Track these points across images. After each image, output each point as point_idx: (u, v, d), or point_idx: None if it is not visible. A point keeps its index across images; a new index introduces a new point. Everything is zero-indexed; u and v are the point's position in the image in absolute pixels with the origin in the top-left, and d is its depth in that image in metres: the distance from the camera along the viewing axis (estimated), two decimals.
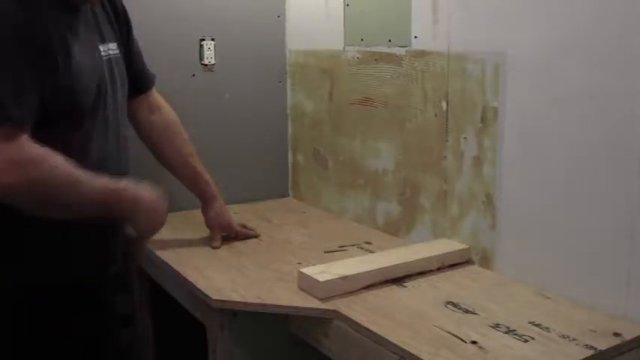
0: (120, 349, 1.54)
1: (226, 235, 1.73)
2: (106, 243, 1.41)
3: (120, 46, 1.46)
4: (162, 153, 1.67)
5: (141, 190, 1.34)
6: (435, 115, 1.60)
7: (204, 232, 1.75)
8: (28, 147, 1.16)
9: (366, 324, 1.21)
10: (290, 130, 2.20)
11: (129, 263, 1.44)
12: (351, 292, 1.35)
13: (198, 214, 1.76)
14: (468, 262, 1.54)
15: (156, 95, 1.67)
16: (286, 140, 2.21)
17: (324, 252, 1.64)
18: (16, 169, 1.13)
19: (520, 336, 1.16)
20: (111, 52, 1.40)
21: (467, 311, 1.27)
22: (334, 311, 1.28)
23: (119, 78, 1.43)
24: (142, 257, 1.47)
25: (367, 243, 1.71)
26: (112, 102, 1.38)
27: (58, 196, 1.20)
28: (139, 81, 1.57)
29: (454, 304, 1.30)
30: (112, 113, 1.38)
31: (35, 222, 1.27)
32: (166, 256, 1.61)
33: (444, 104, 1.57)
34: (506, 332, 1.18)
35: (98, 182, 1.24)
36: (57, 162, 1.18)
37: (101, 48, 1.37)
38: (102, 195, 1.25)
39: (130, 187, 1.31)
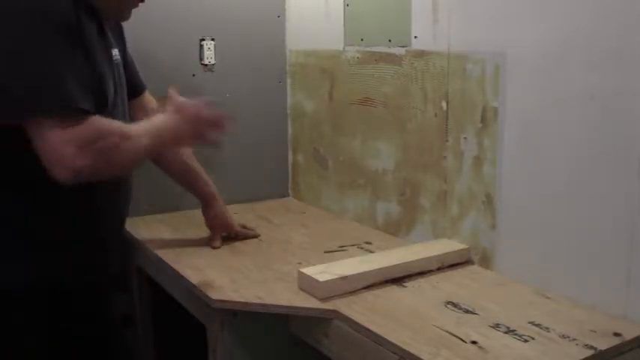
0: (120, 349, 1.54)
1: (226, 235, 1.73)
2: (104, 247, 1.41)
3: (121, 53, 1.50)
4: (159, 154, 1.67)
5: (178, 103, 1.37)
6: (435, 115, 1.60)
7: (204, 232, 1.75)
8: (93, 123, 1.20)
9: (366, 324, 1.21)
10: (290, 130, 2.20)
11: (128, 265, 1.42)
12: (351, 292, 1.35)
13: (198, 214, 1.76)
14: (468, 262, 1.54)
15: (150, 98, 1.68)
16: (286, 140, 2.21)
17: (324, 252, 1.64)
18: (88, 149, 1.17)
19: (520, 336, 1.16)
20: (117, 57, 1.45)
21: (467, 311, 1.27)
22: (334, 311, 1.28)
23: (124, 82, 1.48)
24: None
25: (367, 243, 1.71)
26: (121, 103, 1.42)
27: (124, 156, 1.26)
28: (134, 86, 1.60)
29: (454, 304, 1.30)
30: (122, 114, 1.42)
31: (35, 222, 1.27)
32: (166, 256, 1.61)
33: (444, 104, 1.58)
34: (506, 332, 1.18)
35: (145, 128, 1.31)
36: (113, 128, 1.24)
37: (112, 52, 1.41)
38: (154, 135, 1.31)
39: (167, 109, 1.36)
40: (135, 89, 1.60)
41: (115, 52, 1.43)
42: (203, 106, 1.37)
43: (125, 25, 1.54)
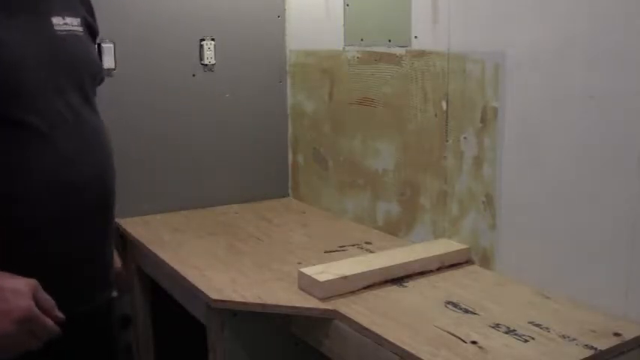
0: (119, 350, 1.54)
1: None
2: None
3: (82, 22, 1.28)
4: None
5: None
6: (435, 115, 1.60)
7: (204, 232, 1.75)
8: None
9: (366, 324, 1.21)
10: (290, 130, 2.20)
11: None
12: (351, 292, 1.36)
13: (198, 214, 1.76)
14: (468, 262, 1.54)
15: None
16: (286, 140, 2.21)
17: (324, 252, 1.64)
18: None
19: (520, 336, 1.16)
20: (70, 27, 1.21)
21: (467, 311, 1.27)
22: (334, 311, 1.28)
23: (83, 57, 1.24)
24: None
25: (367, 243, 1.71)
26: (69, 83, 1.18)
27: None
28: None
29: (454, 304, 1.30)
30: (73, 94, 1.19)
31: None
32: (166, 256, 1.61)
33: (444, 104, 1.58)
34: (506, 332, 1.18)
35: None
36: None
37: (54, 21, 1.18)
38: None
39: None
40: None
41: (65, 20, 1.20)
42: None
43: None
